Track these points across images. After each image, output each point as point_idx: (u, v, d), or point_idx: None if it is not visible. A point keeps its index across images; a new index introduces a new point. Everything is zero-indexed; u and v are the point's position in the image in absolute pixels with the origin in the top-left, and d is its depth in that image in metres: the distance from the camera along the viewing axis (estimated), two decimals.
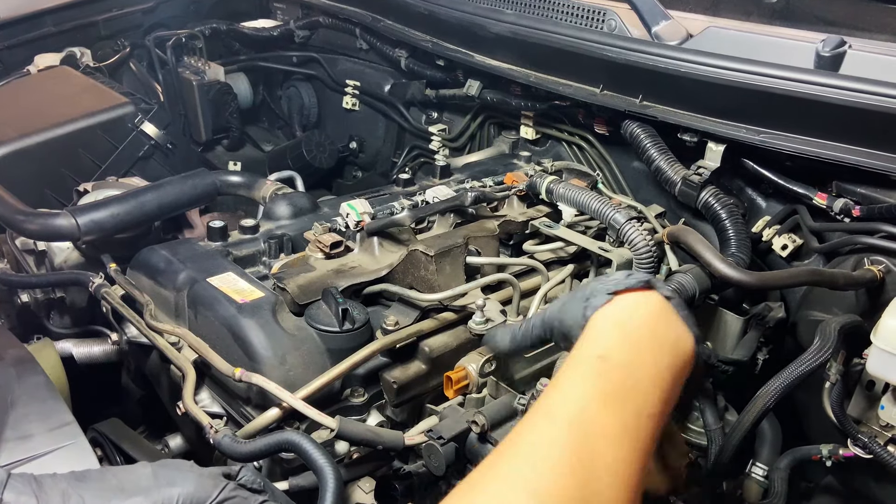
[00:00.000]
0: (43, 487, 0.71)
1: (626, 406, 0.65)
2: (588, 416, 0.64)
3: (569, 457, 0.61)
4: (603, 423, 0.64)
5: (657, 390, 0.68)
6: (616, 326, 0.71)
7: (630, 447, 0.64)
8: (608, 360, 0.67)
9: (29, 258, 1.54)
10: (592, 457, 0.62)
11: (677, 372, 0.70)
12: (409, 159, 2.29)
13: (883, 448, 1.12)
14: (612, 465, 0.62)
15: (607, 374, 0.66)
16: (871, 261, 1.24)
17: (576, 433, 0.63)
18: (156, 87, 2.42)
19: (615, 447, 0.63)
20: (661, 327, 0.71)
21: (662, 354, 0.70)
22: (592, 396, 0.65)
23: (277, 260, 1.28)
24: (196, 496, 0.75)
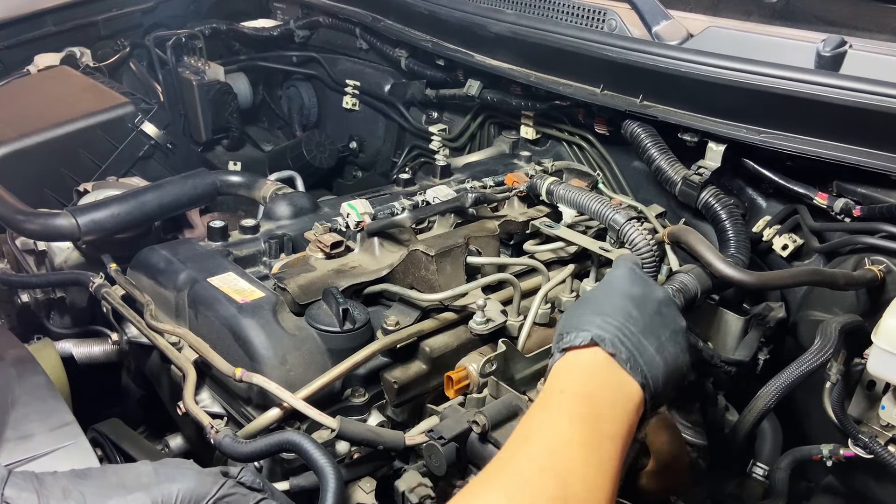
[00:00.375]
0: (44, 484, 0.71)
1: (587, 426, 0.75)
2: (556, 434, 0.74)
3: (545, 468, 0.70)
4: (569, 438, 0.74)
5: (613, 420, 0.77)
6: (569, 374, 0.82)
7: (598, 459, 0.73)
8: (565, 394, 0.79)
9: (29, 258, 1.54)
10: (565, 465, 0.71)
11: (631, 410, 0.79)
12: (410, 159, 2.29)
13: (883, 448, 1.12)
14: (582, 472, 0.71)
15: (566, 404, 0.78)
16: (871, 261, 1.24)
17: (547, 449, 0.73)
18: (156, 86, 2.42)
19: (584, 458, 0.72)
20: (609, 377, 0.81)
21: (613, 395, 0.80)
22: (559, 420, 0.76)
23: (278, 260, 1.28)
24: (196, 492, 0.75)
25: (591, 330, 0.82)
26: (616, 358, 0.80)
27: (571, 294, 1.24)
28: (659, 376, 0.82)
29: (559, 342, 0.85)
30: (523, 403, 1.00)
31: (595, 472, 0.71)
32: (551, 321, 1.21)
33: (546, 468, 0.70)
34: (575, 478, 0.70)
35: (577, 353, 0.83)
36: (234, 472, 0.81)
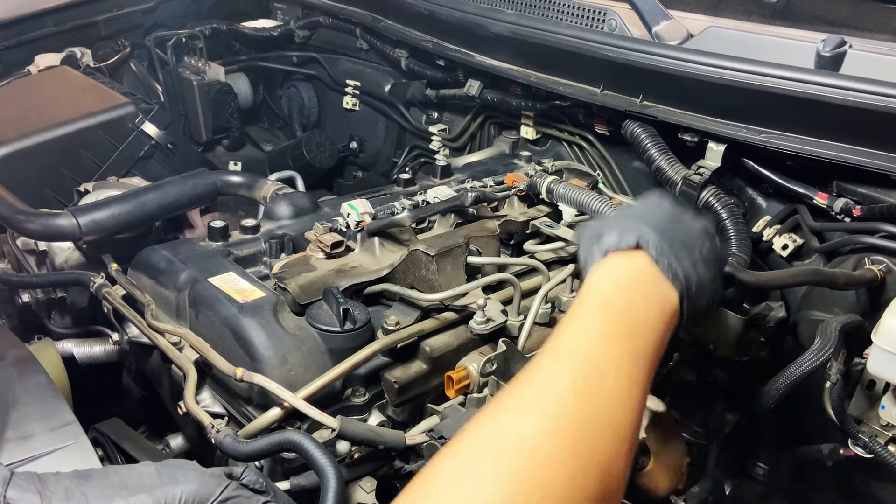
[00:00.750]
0: (46, 485, 0.71)
1: (624, 343, 0.73)
2: (590, 350, 0.72)
3: (575, 384, 0.68)
4: (605, 355, 0.72)
5: (649, 334, 0.76)
6: (610, 281, 0.80)
7: (630, 378, 0.71)
8: (606, 307, 0.77)
9: (30, 258, 1.54)
10: (598, 383, 0.69)
11: (665, 322, 0.79)
12: (410, 159, 2.29)
13: (883, 448, 1.12)
14: (615, 391, 0.69)
15: (605, 317, 0.75)
16: (871, 260, 1.24)
17: (580, 364, 0.70)
18: (156, 87, 2.42)
19: (617, 376, 0.70)
20: (649, 284, 0.80)
21: (651, 305, 0.78)
22: (593, 335, 0.74)
23: (278, 260, 1.29)
24: (199, 494, 0.75)
25: (635, 232, 0.81)
26: (658, 264, 0.80)
27: (571, 294, 1.24)
28: (694, 289, 0.81)
29: (598, 242, 0.83)
30: None
31: (627, 392, 0.70)
32: (552, 321, 1.21)
33: (580, 390, 0.68)
34: (608, 399, 0.68)
35: (618, 256, 0.81)
36: (237, 472, 0.81)
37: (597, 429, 0.66)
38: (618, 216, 0.87)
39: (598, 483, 0.63)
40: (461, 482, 0.60)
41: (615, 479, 0.65)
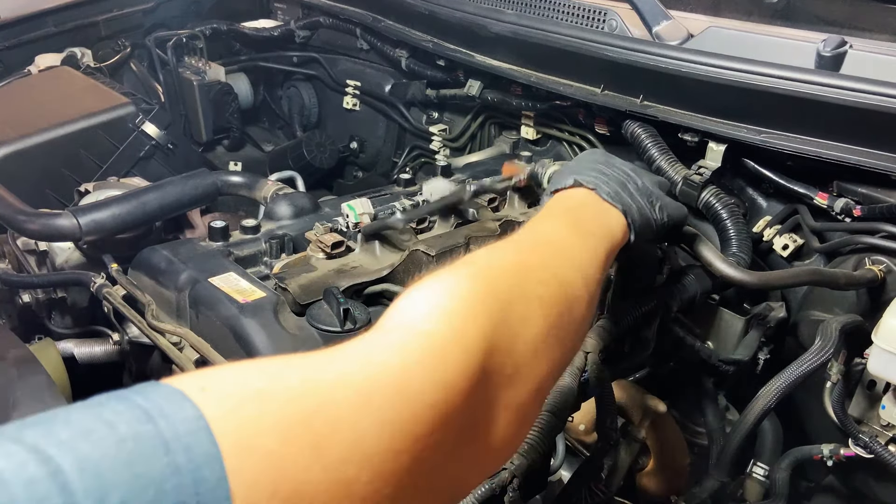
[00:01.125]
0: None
1: (577, 229, 0.82)
2: (549, 228, 0.81)
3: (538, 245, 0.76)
4: (560, 231, 0.80)
5: (599, 234, 0.84)
6: (554, 202, 0.91)
7: (584, 250, 0.79)
8: (552, 209, 0.88)
9: (30, 258, 1.54)
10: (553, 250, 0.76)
11: (615, 233, 0.87)
12: (410, 159, 2.29)
13: (884, 448, 1.12)
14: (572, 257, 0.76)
15: (557, 216, 0.86)
16: (871, 260, 1.24)
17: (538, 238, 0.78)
18: (156, 87, 2.42)
19: (572, 246, 0.78)
20: (593, 203, 0.89)
21: (597, 215, 0.88)
22: (548, 223, 0.83)
23: (279, 260, 1.29)
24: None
25: (571, 175, 0.92)
26: (598, 192, 0.89)
27: None
28: (636, 211, 0.91)
29: (545, 195, 0.95)
30: None
31: (582, 271, 0.75)
32: None
33: (540, 245, 0.76)
34: (564, 266, 0.74)
35: (563, 192, 0.92)
36: None
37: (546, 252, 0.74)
38: (556, 173, 1.00)
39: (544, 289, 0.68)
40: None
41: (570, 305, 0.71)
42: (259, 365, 0.47)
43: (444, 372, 0.52)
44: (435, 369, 0.52)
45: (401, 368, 0.50)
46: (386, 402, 0.47)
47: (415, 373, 0.51)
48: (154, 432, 0.37)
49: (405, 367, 0.51)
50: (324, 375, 0.47)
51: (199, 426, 0.39)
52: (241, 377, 0.45)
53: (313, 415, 0.44)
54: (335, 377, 0.47)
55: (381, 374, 0.49)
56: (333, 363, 0.49)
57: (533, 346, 0.63)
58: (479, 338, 0.56)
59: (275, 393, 0.44)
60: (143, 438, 0.37)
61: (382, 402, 0.47)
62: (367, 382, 0.48)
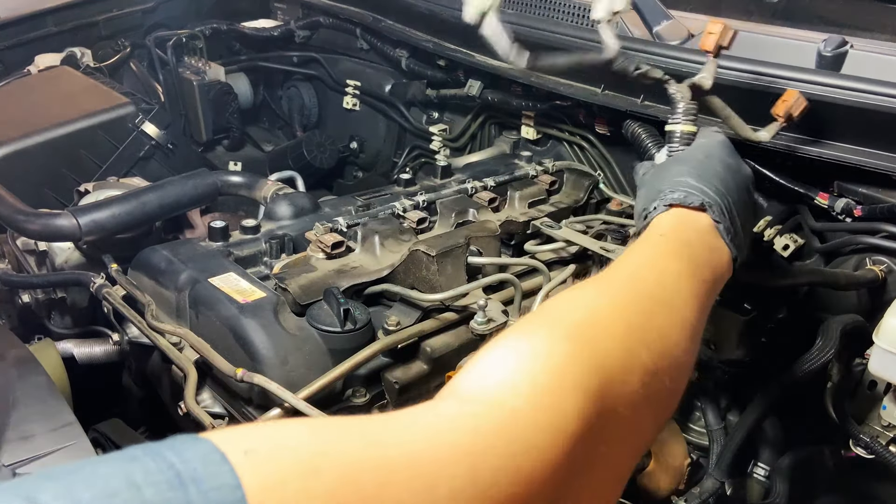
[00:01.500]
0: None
1: (688, 264, 0.72)
2: (649, 260, 0.72)
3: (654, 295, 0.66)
4: (674, 270, 0.70)
5: (707, 273, 0.75)
6: (673, 223, 0.81)
7: (695, 291, 0.69)
8: (667, 237, 0.77)
9: (30, 258, 1.54)
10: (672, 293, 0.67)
11: (720, 274, 0.78)
12: (410, 159, 2.29)
13: (885, 448, 1.12)
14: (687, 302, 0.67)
15: (671, 245, 0.75)
16: (872, 261, 1.24)
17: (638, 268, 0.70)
18: (156, 87, 2.42)
19: (684, 288, 0.68)
20: (709, 236, 0.80)
21: (710, 253, 0.78)
22: (653, 252, 0.73)
23: (279, 260, 1.28)
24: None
25: (699, 193, 0.81)
26: (719, 227, 0.80)
27: None
28: (743, 250, 0.83)
29: (661, 197, 0.83)
30: None
31: (693, 304, 0.68)
32: None
33: (655, 295, 0.66)
34: (680, 303, 0.66)
35: (683, 211, 0.81)
36: None
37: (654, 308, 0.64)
38: (680, 172, 0.85)
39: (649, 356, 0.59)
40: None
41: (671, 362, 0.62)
42: (314, 429, 0.42)
43: (526, 460, 0.44)
44: (514, 456, 0.44)
45: (474, 452, 0.43)
46: (453, 492, 0.41)
47: (490, 460, 0.43)
48: (182, 502, 0.34)
49: (480, 452, 0.44)
50: (384, 451, 0.41)
51: (234, 499, 0.35)
52: (292, 442, 0.40)
53: (369, 498, 0.38)
54: (397, 454, 0.41)
55: (450, 456, 0.43)
56: (398, 435, 0.43)
57: (626, 427, 0.54)
58: (572, 420, 0.47)
59: (327, 467, 0.39)
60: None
61: (449, 492, 0.41)
62: (434, 465, 0.42)
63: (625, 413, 0.53)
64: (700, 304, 0.69)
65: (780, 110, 1.16)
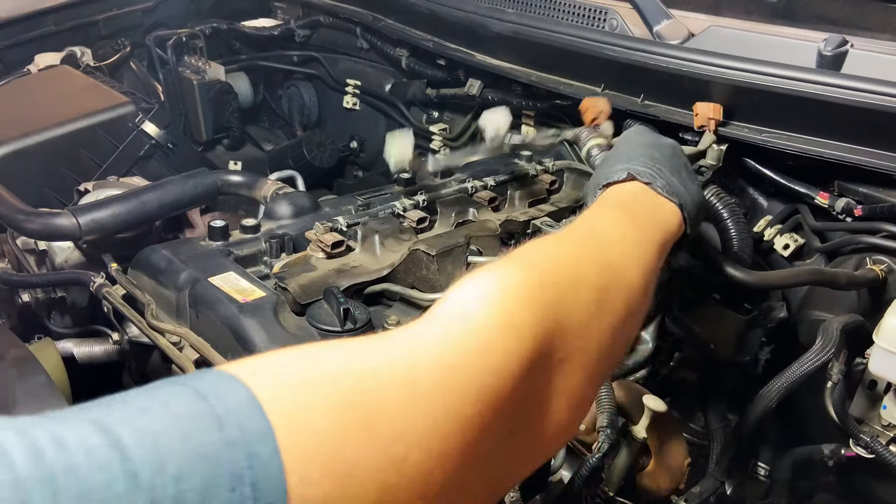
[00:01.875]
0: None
1: (631, 225, 0.78)
2: (603, 221, 0.78)
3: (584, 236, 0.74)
4: (617, 226, 0.77)
5: (654, 229, 0.81)
6: (611, 195, 0.88)
7: (639, 251, 0.75)
8: (606, 204, 0.85)
9: (30, 258, 1.54)
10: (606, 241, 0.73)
11: (668, 230, 0.84)
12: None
13: (885, 448, 1.12)
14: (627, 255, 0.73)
15: (611, 212, 0.82)
16: (872, 260, 1.24)
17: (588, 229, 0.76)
18: (156, 86, 2.42)
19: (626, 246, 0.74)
20: (649, 198, 0.86)
21: (654, 210, 0.85)
22: (598, 213, 0.81)
23: (279, 259, 1.28)
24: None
25: (623, 170, 0.88)
26: (652, 186, 0.87)
27: None
28: (688, 202, 0.88)
29: (596, 187, 0.91)
30: None
31: (637, 260, 0.73)
32: None
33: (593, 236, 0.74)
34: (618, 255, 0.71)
35: (616, 186, 0.88)
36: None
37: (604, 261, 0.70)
38: (605, 164, 0.95)
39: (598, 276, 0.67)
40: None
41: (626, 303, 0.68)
42: (307, 350, 0.48)
43: (493, 357, 0.52)
44: (482, 354, 0.51)
45: (447, 354, 0.50)
46: (433, 387, 0.48)
47: (462, 358, 0.50)
48: (208, 410, 0.39)
49: (452, 353, 0.51)
50: (372, 361, 0.48)
51: (251, 405, 0.40)
52: (290, 362, 0.47)
53: (362, 397, 0.45)
54: (381, 362, 0.48)
55: (427, 359, 0.49)
56: (381, 348, 0.50)
57: (586, 333, 0.62)
58: (529, 323, 0.55)
59: (324, 376, 0.45)
60: (198, 415, 0.39)
61: (429, 387, 0.48)
62: (414, 368, 0.48)
63: (582, 319, 0.61)
64: (650, 252, 0.76)
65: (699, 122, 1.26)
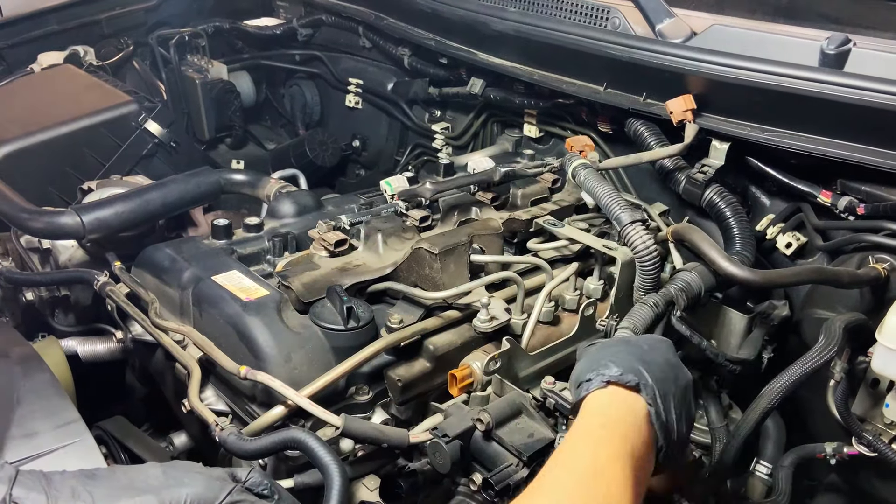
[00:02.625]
0: (52, 484, 0.71)
1: (624, 465, 0.77)
2: (600, 467, 0.76)
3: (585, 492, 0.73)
4: (613, 475, 0.75)
5: (641, 464, 0.80)
6: (611, 409, 0.84)
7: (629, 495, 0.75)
8: (607, 429, 0.81)
9: (34, 256, 1.55)
10: (605, 490, 0.73)
11: (651, 460, 0.83)
12: (412, 157, 2.29)
13: (887, 446, 1.12)
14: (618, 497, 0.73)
15: (611, 440, 0.79)
16: (875, 259, 1.24)
17: (591, 479, 0.75)
18: (159, 85, 2.42)
19: (620, 490, 0.74)
20: (642, 424, 0.83)
21: (642, 440, 0.82)
22: (601, 456, 0.77)
23: (282, 258, 1.29)
24: (204, 497, 0.75)
25: (635, 375, 0.84)
26: (650, 411, 0.83)
27: (575, 292, 1.24)
28: (674, 440, 0.86)
29: (600, 369, 0.86)
30: (527, 401, 1.00)
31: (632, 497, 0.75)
32: (555, 319, 1.21)
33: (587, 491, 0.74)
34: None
35: (619, 390, 0.85)
36: (241, 474, 0.81)
37: None
38: (623, 350, 0.89)
39: None
40: None
41: None
42: None
43: None
44: None
45: None
46: None
47: None
48: None
49: None
50: None
51: None
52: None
53: None
54: None
55: None
56: None
57: None
58: None
59: None
60: None
61: None
62: None
63: None
64: (634, 482, 0.77)
65: (677, 118, 1.32)
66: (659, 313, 1.14)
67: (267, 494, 0.81)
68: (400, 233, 1.30)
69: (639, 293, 1.20)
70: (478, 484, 0.95)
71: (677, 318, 1.17)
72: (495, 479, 0.90)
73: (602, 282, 1.25)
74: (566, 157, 1.38)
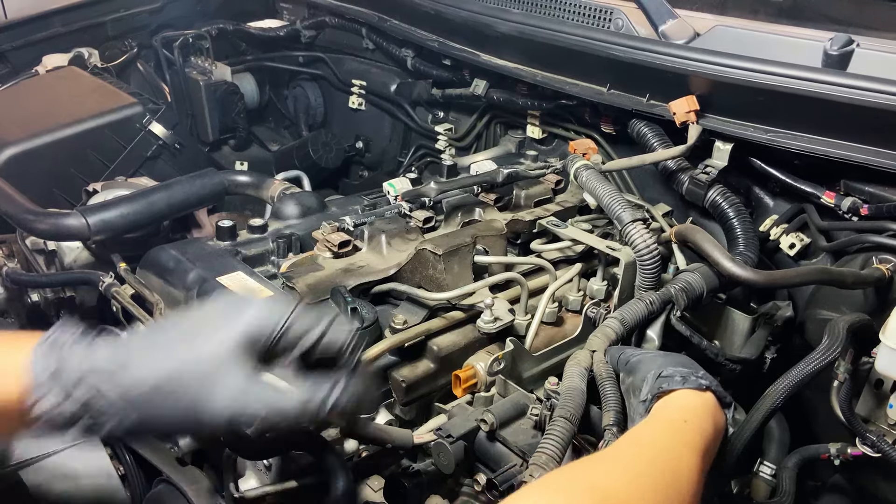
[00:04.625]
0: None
1: (698, 456, 0.82)
2: (678, 452, 0.81)
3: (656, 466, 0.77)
4: (689, 463, 0.80)
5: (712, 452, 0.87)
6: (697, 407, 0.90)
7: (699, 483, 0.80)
8: (691, 423, 0.87)
9: (39, 258, 1.55)
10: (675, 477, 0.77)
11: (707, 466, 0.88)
12: (416, 159, 2.30)
13: (891, 447, 1.12)
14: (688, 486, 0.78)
15: (690, 433, 0.85)
16: (879, 259, 1.24)
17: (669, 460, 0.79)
18: (163, 87, 2.43)
19: (689, 478, 0.78)
20: (718, 416, 0.92)
21: (717, 432, 0.90)
22: (677, 443, 0.83)
23: (286, 259, 1.29)
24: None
25: (706, 379, 0.93)
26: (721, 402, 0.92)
27: (578, 293, 1.24)
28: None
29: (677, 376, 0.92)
30: (531, 402, 1.00)
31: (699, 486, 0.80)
32: (558, 320, 1.21)
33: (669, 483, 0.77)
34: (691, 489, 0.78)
35: (695, 393, 0.91)
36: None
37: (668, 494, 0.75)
38: (682, 362, 0.97)
39: None
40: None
41: None
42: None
43: None
44: None
45: None
46: None
47: None
48: None
49: None
50: None
51: None
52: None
53: None
54: None
55: None
56: None
57: None
58: None
59: None
60: None
61: None
62: None
63: None
64: (702, 482, 0.81)
65: (680, 119, 1.34)
66: (653, 310, 1.13)
67: None
68: (403, 234, 1.30)
69: (639, 292, 1.20)
70: (482, 484, 0.95)
71: (677, 317, 1.17)
72: (499, 479, 0.90)
73: (606, 283, 1.25)
74: (568, 159, 1.39)
